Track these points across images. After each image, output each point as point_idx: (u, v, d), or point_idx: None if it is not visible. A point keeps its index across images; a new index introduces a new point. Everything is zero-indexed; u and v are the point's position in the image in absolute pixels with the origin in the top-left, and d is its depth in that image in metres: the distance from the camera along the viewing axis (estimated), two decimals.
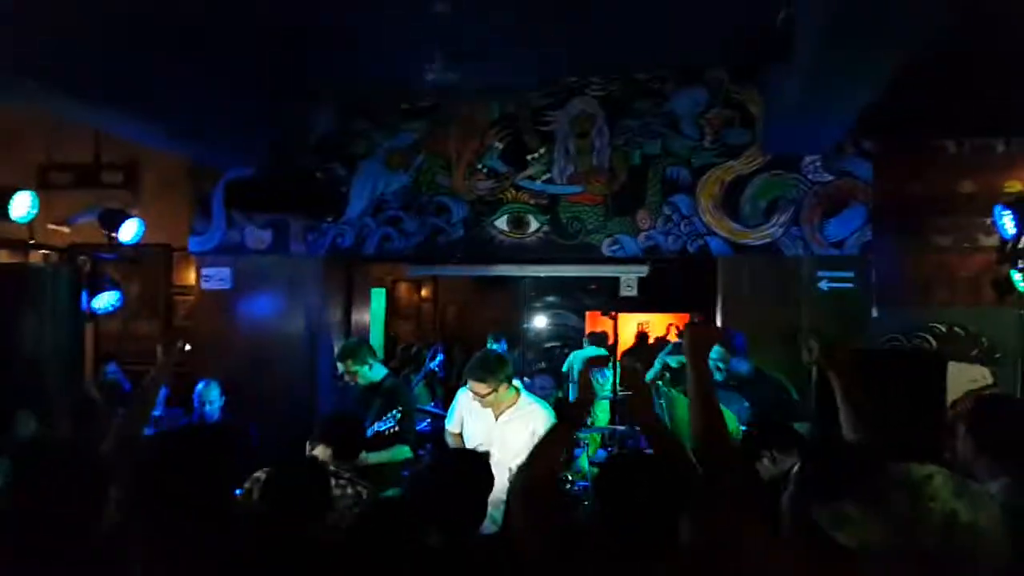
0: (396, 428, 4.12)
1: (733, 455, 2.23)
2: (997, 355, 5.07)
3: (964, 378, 4.99)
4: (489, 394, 3.78)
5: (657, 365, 5.25)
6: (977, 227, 5.24)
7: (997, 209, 4.19)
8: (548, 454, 2.31)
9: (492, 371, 3.79)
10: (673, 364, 5.12)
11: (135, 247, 5.27)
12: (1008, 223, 4.12)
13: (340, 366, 4.42)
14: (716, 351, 4.21)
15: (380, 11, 4.34)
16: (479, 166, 5.61)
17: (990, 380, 5.09)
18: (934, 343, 5.16)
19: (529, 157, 5.54)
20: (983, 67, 4.53)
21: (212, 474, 2.00)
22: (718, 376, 4.18)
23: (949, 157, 5.33)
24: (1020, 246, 4.04)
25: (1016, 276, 4.05)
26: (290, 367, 5.77)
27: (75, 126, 5.68)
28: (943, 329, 5.19)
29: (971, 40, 4.14)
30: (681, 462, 2.15)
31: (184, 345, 3.00)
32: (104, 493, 1.87)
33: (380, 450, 4.11)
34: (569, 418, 2.42)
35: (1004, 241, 4.20)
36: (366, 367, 4.38)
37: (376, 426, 4.11)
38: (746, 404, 4.13)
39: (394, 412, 4.11)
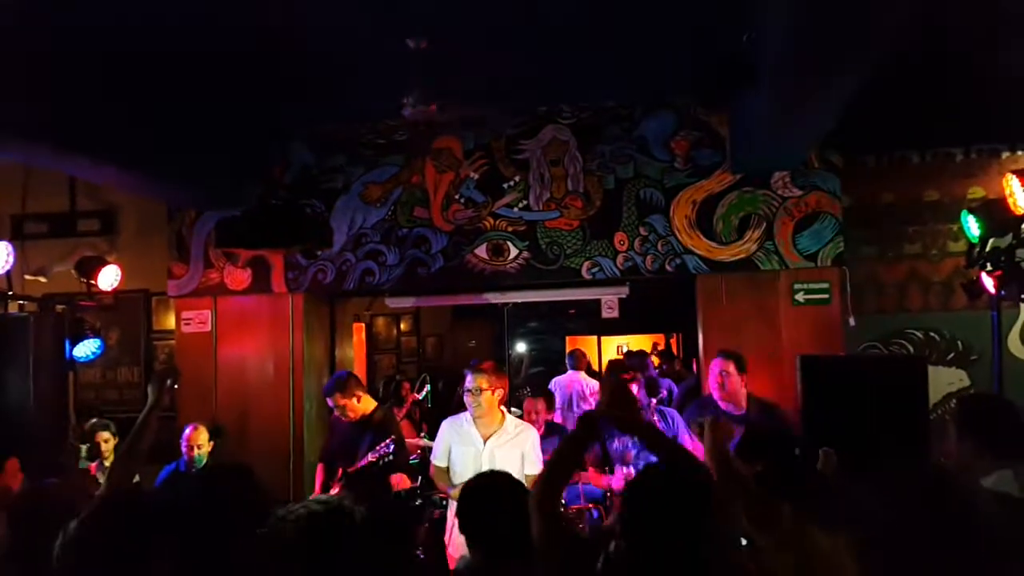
0: (392, 457, 4.12)
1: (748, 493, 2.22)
2: (973, 357, 5.19)
3: (942, 381, 5.10)
4: (483, 391, 3.83)
5: None
6: (944, 234, 5.39)
7: (963, 214, 4.31)
8: (566, 458, 2.33)
9: (490, 372, 3.89)
10: None
11: (113, 294, 5.24)
12: (974, 228, 4.23)
13: (329, 400, 4.41)
14: None
15: (354, 47, 4.41)
16: (456, 196, 5.67)
17: (967, 382, 5.21)
18: (911, 348, 5.28)
19: (505, 185, 5.62)
20: (940, 80, 4.70)
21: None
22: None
23: (912, 167, 5.48)
24: (987, 250, 4.14)
25: (985, 279, 4.14)
26: (273, 406, 5.74)
27: (49, 174, 5.66)
28: (919, 335, 5.31)
29: (928, 55, 4.30)
30: (695, 465, 2.17)
31: (175, 382, 2.85)
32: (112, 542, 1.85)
33: (376, 478, 4.13)
34: (588, 422, 2.39)
35: (971, 246, 4.30)
36: (355, 399, 4.38)
37: (370, 456, 4.11)
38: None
39: (389, 441, 4.11)
